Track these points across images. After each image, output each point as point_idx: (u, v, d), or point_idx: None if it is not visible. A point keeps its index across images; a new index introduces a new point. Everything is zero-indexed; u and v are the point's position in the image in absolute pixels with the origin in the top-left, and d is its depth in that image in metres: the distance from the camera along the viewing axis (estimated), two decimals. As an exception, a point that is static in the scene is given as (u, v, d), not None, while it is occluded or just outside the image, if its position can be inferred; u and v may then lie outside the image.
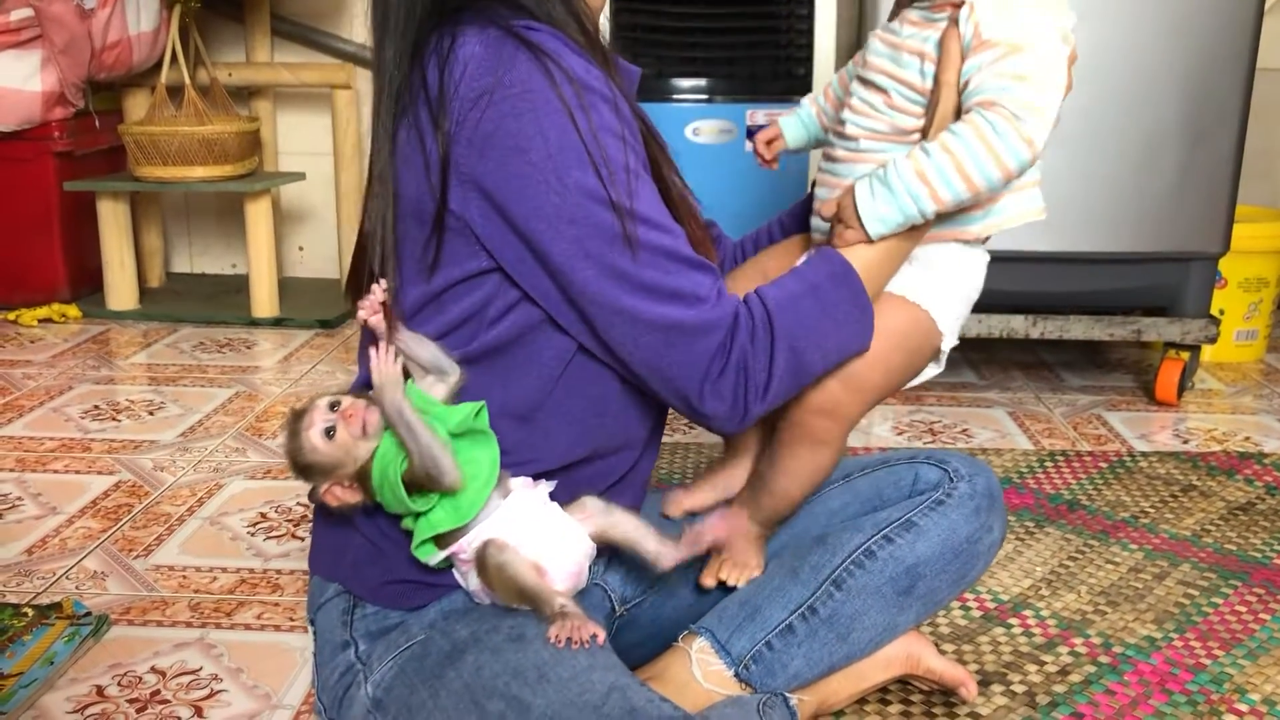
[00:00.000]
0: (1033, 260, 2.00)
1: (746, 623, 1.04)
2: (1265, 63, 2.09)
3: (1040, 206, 1.02)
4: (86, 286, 2.82)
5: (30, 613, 1.30)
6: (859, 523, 1.09)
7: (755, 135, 1.20)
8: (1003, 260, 1.96)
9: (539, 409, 0.96)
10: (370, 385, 1.02)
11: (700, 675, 1.03)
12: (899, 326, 1.01)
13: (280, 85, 2.93)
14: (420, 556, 0.94)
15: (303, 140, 3.04)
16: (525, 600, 0.92)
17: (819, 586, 1.05)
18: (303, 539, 1.55)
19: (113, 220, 2.69)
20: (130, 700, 1.17)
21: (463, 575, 0.96)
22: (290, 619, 1.33)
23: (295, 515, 1.62)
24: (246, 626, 1.32)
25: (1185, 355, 2.13)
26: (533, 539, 0.93)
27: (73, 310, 2.73)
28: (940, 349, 1.05)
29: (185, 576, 1.44)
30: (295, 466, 0.93)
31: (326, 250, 3.13)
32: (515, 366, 0.95)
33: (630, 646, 1.09)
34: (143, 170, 2.62)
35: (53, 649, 1.23)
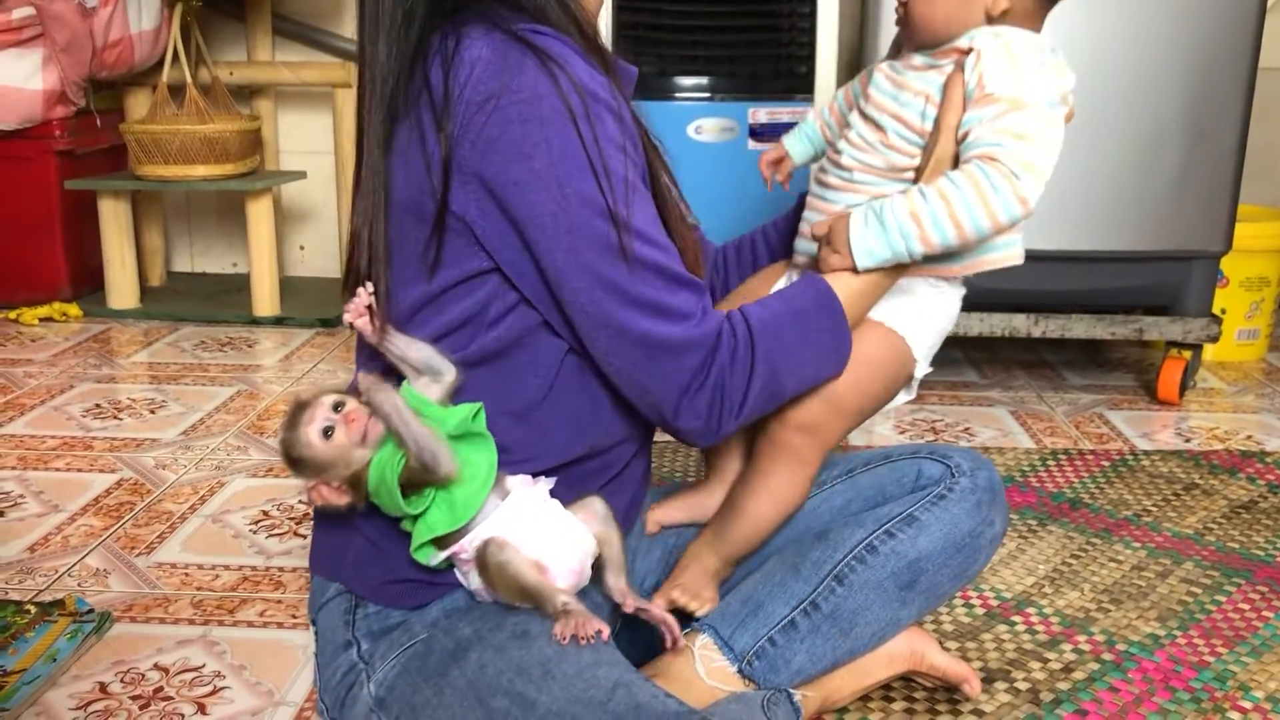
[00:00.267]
0: (1034, 259, 1.97)
1: (749, 619, 1.04)
2: (1266, 62, 2.09)
3: (1020, 253, 1.05)
4: (87, 285, 2.82)
5: (33, 610, 1.30)
6: (861, 518, 1.09)
7: (761, 158, 1.20)
8: (1004, 259, 1.98)
9: (537, 408, 0.96)
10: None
11: (703, 672, 1.03)
12: (879, 353, 1.04)
13: (281, 84, 2.93)
14: (420, 559, 0.94)
15: (304, 139, 3.04)
16: (527, 599, 0.92)
17: (821, 582, 1.05)
18: (305, 536, 1.55)
19: (114, 219, 2.69)
20: (133, 697, 1.17)
21: (464, 575, 0.96)
22: (293, 616, 1.33)
23: (297, 513, 1.62)
24: (249, 624, 1.32)
25: (1187, 354, 2.12)
26: (533, 537, 0.92)
27: (74, 309, 2.73)
28: (913, 376, 1.08)
29: (187, 574, 1.44)
30: (287, 458, 0.92)
31: (327, 249, 3.13)
32: (514, 367, 0.95)
33: (633, 644, 1.09)
34: (144, 169, 2.62)
35: (55, 646, 1.23)
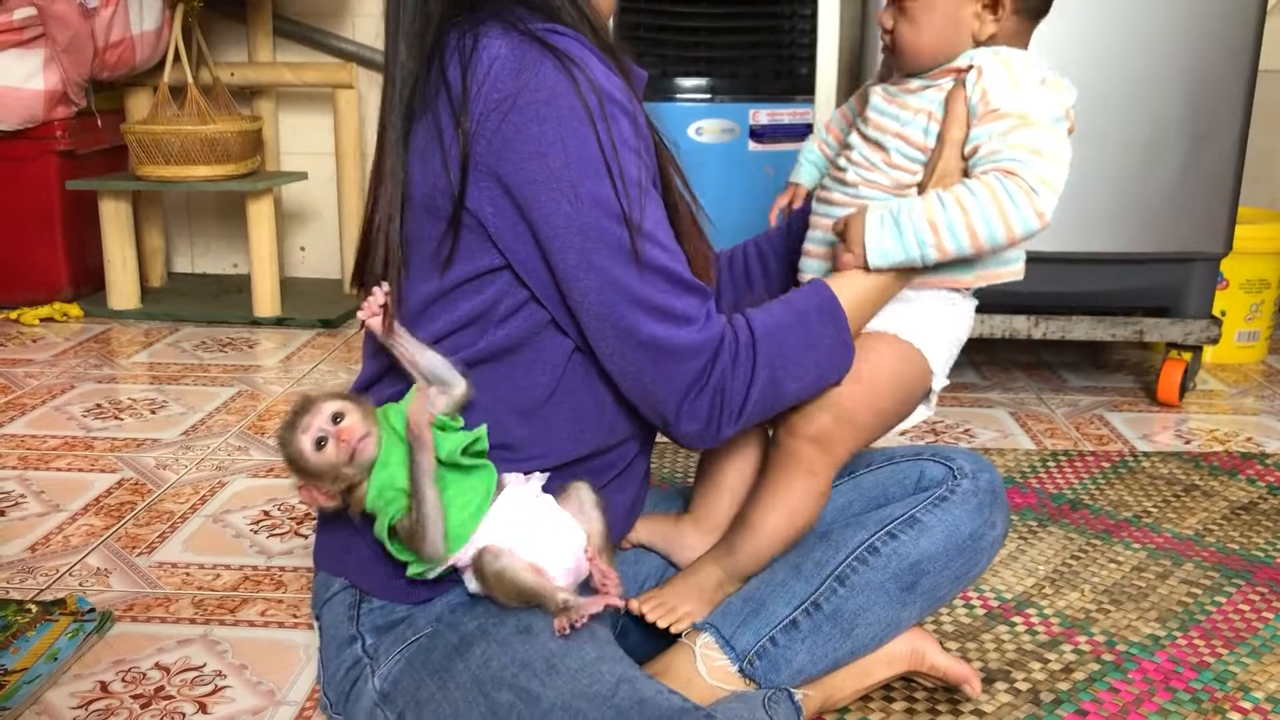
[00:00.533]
0: (1035, 261, 1.98)
1: (751, 618, 1.05)
2: (1267, 64, 2.10)
3: (1021, 268, 1.07)
4: (88, 286, 2.82)
5: (34, 609, 1.30)
6: (863, 519, 1.09)
7: (776, 205, 1.20)
8: (1005, 260, 1.98)
9: (543, 406, 0.97)
10: (371, 384, 1.02)
11: (705, 671, 1.03)
12: (891, 365, 1.04)
13: (282, 85, 2.93)
14: (412, 573, 0.94)
15: (304, 140, 3.05)
16: (527, 601, 0.93)
17: (823, 582, 1.05)
18: (306, 536, 1.55)
19: (114, 219, 2.69)
20: (134, 696, 1.17)
21: (464, 578, 0.96)
22: (294, 616, 1.33)
23: (298, 513, 1.62)
24: (250, 623, 1.32)
25: (1187, 356, 2.13)
26: (528, 539, 0.93)
27: (74, 309, 2.73)
28: (931, 389, 1.08)
29: (188, 574, 1.44)
30: (282, 454, 0.93)
31: (328, 250, 3.13)
32: (522, 364, 0.96)
33: (635, 644, 1.09)
34: (145, 169, 2.62)
35: (56, 645, 1.23)
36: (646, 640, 1.11)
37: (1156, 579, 1.45)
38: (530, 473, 0.97)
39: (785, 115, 2.06)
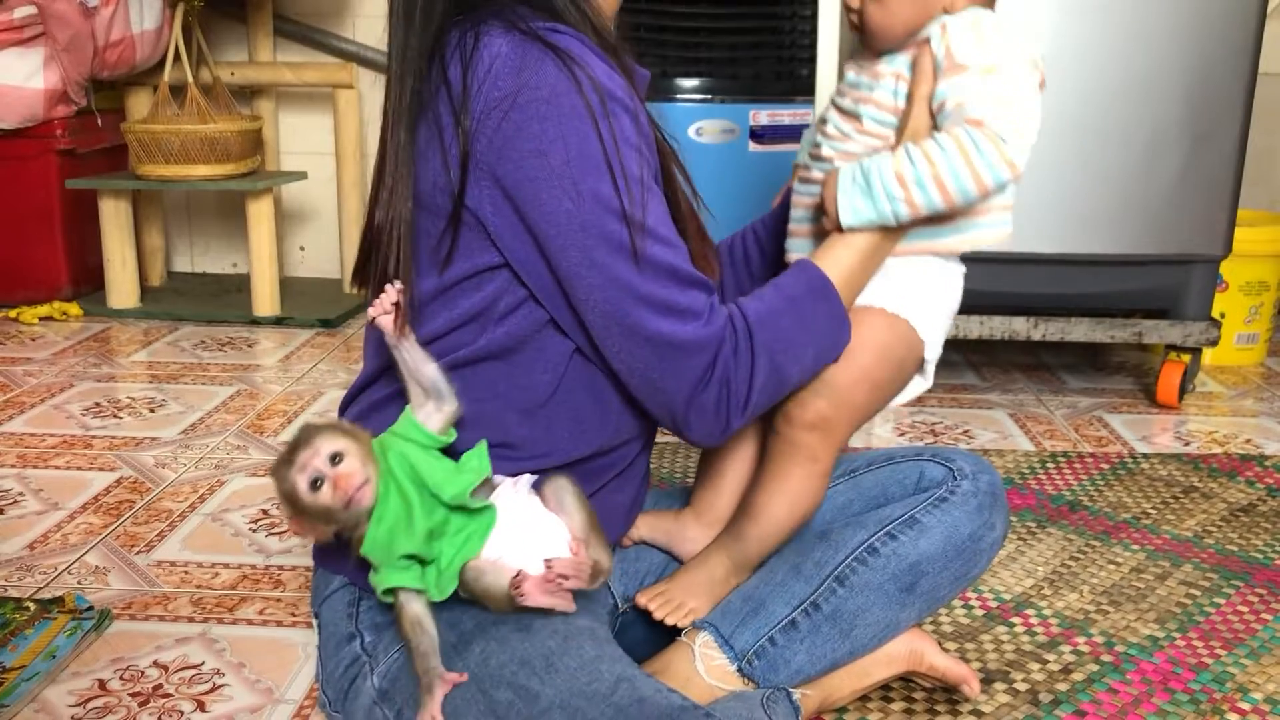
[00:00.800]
0: (1034, 262, 2.00)
1: (750, 618, 1.05)
2: (1266, 67, 2.10)
3: (1009, 231, 1.04)
4: (88, 285, 2.82)
5: (32, 607, 1.30)
6: (862, 519, 1.09)
7: (778, 196, 1.19)
8: (1004, 262, 1.99)
9: (544, 406, 0.97)
10: (371, 382, 1.02)
11: (703, 670, 1.03)
12: (880, 339, 1.03)
13: (282, 85, 2.93)
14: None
15: (304, 140, 3.05)
16: (516, 609, 0.92)
17: (822, 582, 1.05)
18: (304, 535, 1.55)
19: (114, 218, 2.69)
20: (132, 694, 1.17)
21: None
22: (292, 614, 1.33)
23: (297, 512, 1.62)
24: (249, 622, 1.32)
25: (1186, 358, 2.13)
26: (515, 548, 0.92)
27: (74, 308, 2.73)
28: (925, 360, 1.06)
29: (187, 572, 1.44)
30: (276, 489, 0.91)
31: (328, 250, 3.13)
32: (523, 363, 0.96)
33: (634, 643, 1.09)
34: (145, 169, 2.62)
35: (54, 643, 1.23)
36: (646, 638, 1.11)
37: (1155, 580, 1.45)
38: (521, 474, 0.97)
39: (785, 116, 2.06)
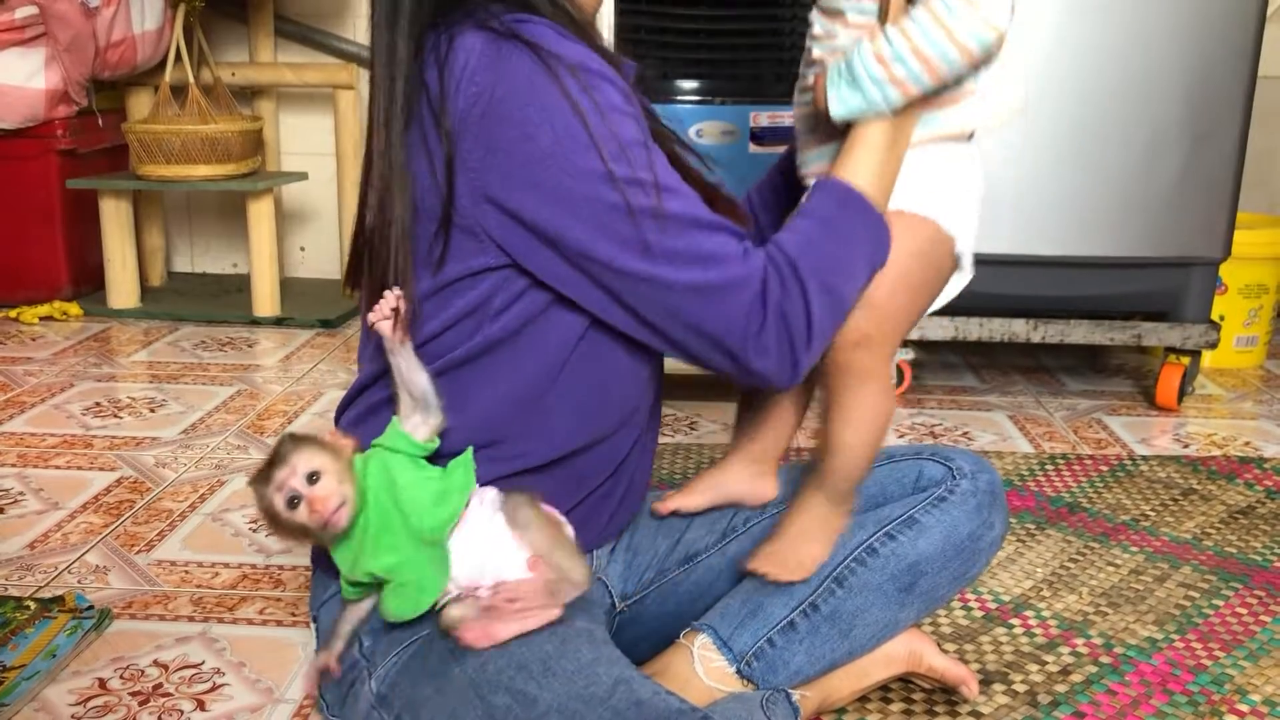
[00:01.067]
0: (1034, 264, 2.01)
1: (749, 619, 1.05)
2: (1266, 70, 2.10)
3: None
4: (88, 285, 2.83)
5: (32, 606, 1.30)
6: (861, 519, 1.09)
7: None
8: (1004, 264, 1.99)
9: (543, 396, 0.96)
10: (369, 385, 1.01)
11: (702, 672, 1.03)
12: (911, 243, 0.99)
13: (283, 85, 2.94)
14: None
15: (305, 140, 3.05)
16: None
17: (821, 583, 1.05)
18: (304, 535, 1.55)
19: (115, 218, 2.69)
20: (133, 693, 1.17)
21: None
22: (292, 614, 1.33)
23: (297, 512, 1.62)
24: (249, 621, 1.32)
25: (1185, 360, 2.13)
26: (478, 573, 0.91)
27: (74, 308, 2.73)
28: (959, 255, 1.03)
29: (187, 572, 1.44)
30: (256, 504, 0.91)
31: (328, 250, 3.13)
32: (519, 354, 0.95)
33: (632, 643, 1.09)
34: (145, 169, 2.62)
35: (55, 642, 1.23)
36: (644, 637, 1.11)
37: (1154, 582, 1.45)
38: (540, 468, 0.97)
39: (786, 117, 2.05)
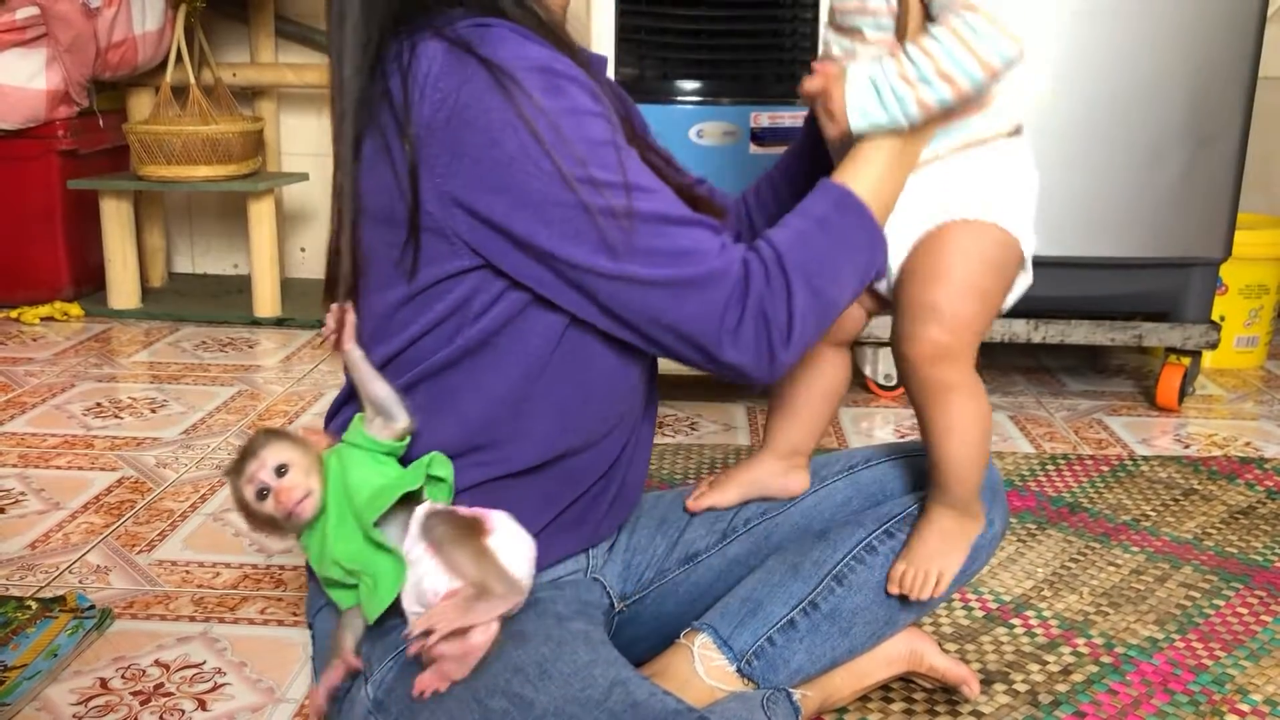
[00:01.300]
0: (1035, 264, 2.00)
1: (748, 618, 1.04)
2: (1267, 71, 2.10)
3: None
4: (89, 285, 2.83)
5: (34, 606, 1.30)
6: (861, 518, 1.09)
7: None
8: (1005, 264, 1.99)
9: (527, 398, 0.95)
10: (354, 394, 1.01)
11: (703, 671, 1.03)
12: (975, 248, 1.00)
13: (284, 86, 2.94)
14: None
15: (306, 141, 3.05)
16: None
17: (820, 582, 1.05)
18: (305, 535, 1.55)
19: (116, 219, 2.69)
20: (134, 693, 1.17)
21: None
22: (293, 614, 1.34)
23: (298, 512, 1.63)
24: (250, 621, 1.32)
25: (1186, 361, 2.13)
26: (419, 594, 0.90)
27: (75, 309, 2.73)
28: (1023, 255, 1.03)
29: (188, 572, 1.44)
30: (231, 497, 0.93)
31: (329, 251, 3.13)
32: (501, 356, 0.93)
33: (631, 643, 1.09)
34: (146, 169, 2.62)
35: (56, 642, 1.23)
36: (643, 638, 1.11)
37: (1155, 582, 1.45)
38: (527, 472, 0.97)
39: (786, 118, 2.06)
